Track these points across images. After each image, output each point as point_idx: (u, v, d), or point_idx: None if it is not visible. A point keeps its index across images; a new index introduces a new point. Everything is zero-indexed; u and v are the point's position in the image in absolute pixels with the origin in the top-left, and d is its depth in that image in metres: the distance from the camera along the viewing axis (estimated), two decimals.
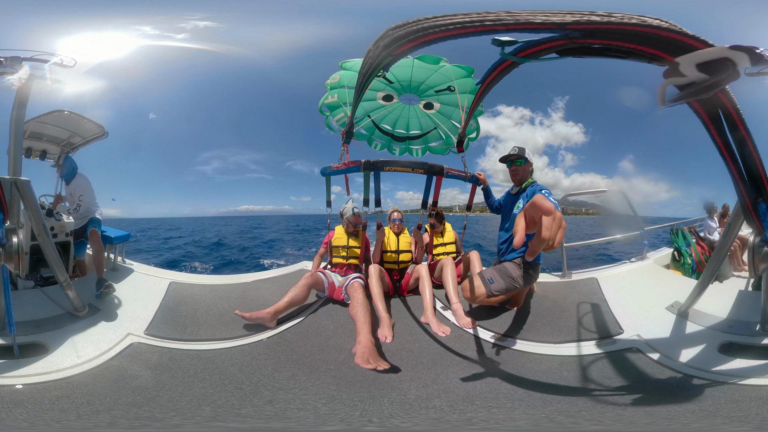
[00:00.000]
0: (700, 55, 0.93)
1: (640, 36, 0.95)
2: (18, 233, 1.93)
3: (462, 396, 1.84)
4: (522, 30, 1.00)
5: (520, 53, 1.14)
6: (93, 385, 1.85)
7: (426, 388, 1.90)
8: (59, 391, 1.78)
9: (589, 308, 2.77)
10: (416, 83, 3.71)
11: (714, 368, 1.89)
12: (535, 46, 1.09)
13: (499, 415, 1.69)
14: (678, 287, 2.66)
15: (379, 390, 1.89)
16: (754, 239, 1.82)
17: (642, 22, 0.92)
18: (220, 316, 2.75)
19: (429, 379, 2.00)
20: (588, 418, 1.62)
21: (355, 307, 2.56)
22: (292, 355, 2.27)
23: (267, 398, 1.81)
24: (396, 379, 1.99)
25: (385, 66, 1.30)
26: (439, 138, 4.10)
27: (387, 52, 1.17)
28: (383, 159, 3.45)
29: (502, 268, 2.69)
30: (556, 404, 1.75)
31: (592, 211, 23.19)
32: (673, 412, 1.62)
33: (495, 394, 1.85)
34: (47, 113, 3.52)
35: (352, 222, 3.38)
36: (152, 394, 1.81)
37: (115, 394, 1.79)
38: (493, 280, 2.63)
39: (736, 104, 1.16)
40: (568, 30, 0.97)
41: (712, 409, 1.60)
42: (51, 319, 2.44)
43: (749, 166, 1.33)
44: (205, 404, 1.75)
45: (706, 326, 2.26)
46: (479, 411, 1.71)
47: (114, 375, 1.98)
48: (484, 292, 2.59)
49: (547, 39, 1.05)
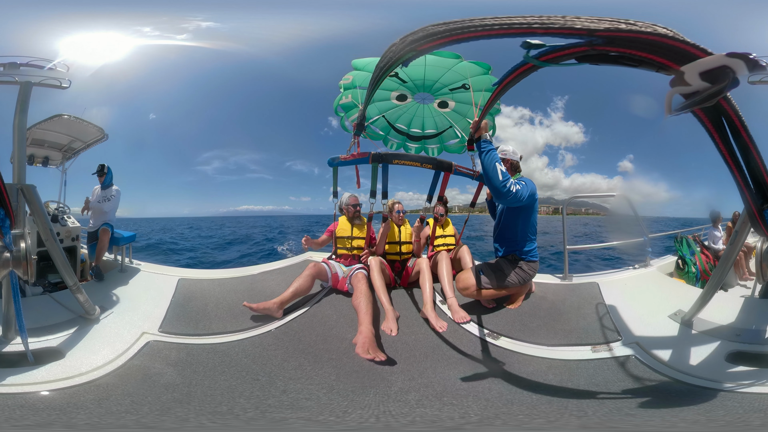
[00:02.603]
0: (702, 63, 0.94)
1: (653, 45, 0.97)
2: (26, 239, 1.94)
3: (438, 390, 1.84)
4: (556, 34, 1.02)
5: (543, 57, 1.15)
6: (124, 386, 1.86)
7: (411, 381, 1.91)
8: (92, 394, 1.78)
9: (588, 313, 2.72)
10: (430, 82, 3.68)
11: (720, 377, 1.84)
12: (559, 51, 1.10)
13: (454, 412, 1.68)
14: (681, 296, 2.61)
15: (371, 380, 1.91)
16: (762, 246, 1.80)
17: (654, 30, 0.94)
18: (229, 309, 2.79)
19: (416, 372, 2.00)
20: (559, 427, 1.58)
21: (357, 298, 2.60)
22: (299, 344, 2.31)
23: (281, 388, 1.85)
24: (387, 371, 2.00)
25: (405, 61, 1.31)
26: (455, 136, 4.07)
27: (412, 47, 1.19)
28: (393, 152, 3.47)
29: (494, 264, 2.80)
30: (540, 406, 1.72)
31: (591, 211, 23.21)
32: (672, 423, 1.58)
33: (468, 391, 1.84)
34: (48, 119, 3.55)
35: (351, 204, 3.45)
36: (185, 390, 1.83)
37: (148, 392, 1.81)
38: (483, 273, 2.70)
39: (738, 111, 1.17)
40: (594, 37, 0.99)
41: (718, 419, 1.56)
42: (62, 323, 2.46)
43: (754, 173, 1.32)
44: (239, 397, 1.77)
45: (713, 335, 2.21)
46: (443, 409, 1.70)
47: (139, 374, 1.99)
48: (473, 284, 2.66)
49: (571, 45, 1.06)
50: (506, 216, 2.81)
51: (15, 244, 1.97)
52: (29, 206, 2.23)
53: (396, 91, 3.86)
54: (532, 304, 2.91)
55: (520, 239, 2.76)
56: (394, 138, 4.22)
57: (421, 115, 4.10)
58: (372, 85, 1.84)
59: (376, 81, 1.69)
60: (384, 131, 4.17)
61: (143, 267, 3.75)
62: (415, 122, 4.13)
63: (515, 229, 2.76)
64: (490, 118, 3.77)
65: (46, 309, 2.69)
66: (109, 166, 3.82)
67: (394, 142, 4.24)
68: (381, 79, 1.63)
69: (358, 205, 3.47)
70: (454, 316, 2.58)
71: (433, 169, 3.21)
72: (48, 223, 2.27)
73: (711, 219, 3.75)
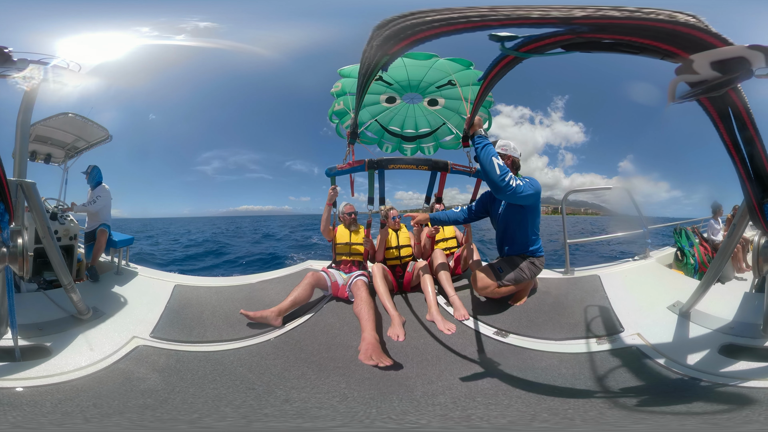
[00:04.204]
0: (716, 53, 0.92)
1: (656, 31, 0.93)
2: (23, 235, 1.91)
3: (464, 392, 1.84)
4: (521, 25, 0.99)
5: (523, 48, 1.12)
6: (98, 389, 1.82)
7: (431, 385, 1.90)
8: (62, 394, 1.75)
9: (591, 306, 2.75)
10: (415, 81, 3.69)
11: (713, 369, 1.87)
12: (538, 40, 1.07)
13: (496, 412, 1.68)
14: (680, 287, 2.64)
15: (388, 387, 1.88)
16: (759, 239, 1.80)
17: (670, 17, 0.91)
18: (226, 318, 2.72)
19: (434, 375, 2.00)
20: (584, 417, 1.61)
21: (359, 305, 2.57)
22: (300, 354, 2.25)
23: (282, 398, 1.79)
24: (402, 376, 1.98)
25: (383, 65, 1.29)
26: (449, 133, 4.06)
27: (382, 51, 1.16)
28: (387, 157, 3.47)
29: (510, 260, 2.73)
30: (553, 402, 1.75)
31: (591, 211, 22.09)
32: (669, 412, 1.62)
33: (496, 391, 1.85)
34: (53, 116, 3.54)
35: (346, 212, 3.50)
36: (163, 396, 1.78)
37: (123, 397, 1.76)
38: (503, 269, 2.66)
39: (746, 103, 1.15)
40: (574, 25, 0.95)
41: (710, 411, 1.58)
42: (54, 322, 2.41)
43: (756, 166, 1.32)
44: (223, 405, 1.73)
45: (708, 327, 2.24)
46: (479, 408, 1.71)
47: (120, 378, 1.94)
48: (494, 283, 2.60)
49: (551, 34, 1.03)
50: (511, 218, 2.75)
51: (12, 240, 1.94)
52: (28, 202, 2.19)
53: (384, 94, 3.87)
54: (536, 300, 2.92)
55: (529, 240, 2.73)
56: (389, 141, 4.20)
57: (412, 115, 4.10)
58: (359, 92, 1.87)
59: (362, 88, 1.70)
60: (378, 135, 4.16)
61: (140, 271, 3.68)
62: (407, 123, 4.13)
63: (525, 231, 2.71)
64: (485, 111, 3.78)
65: (40, 306, 2.64)
66: (97, 166, 3.78)
67: (389, 144, 4.22)
68: (366, 86, 1.63)
69: (353, 213, 3.52)
70: (455, 314, 2.63)
71: (429, 169, 3.20)
72: (46, 220, 2.24)
73: (712, 210, 3.72)
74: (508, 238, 2.83)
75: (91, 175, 3.73)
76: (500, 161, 2.34)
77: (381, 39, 1.10)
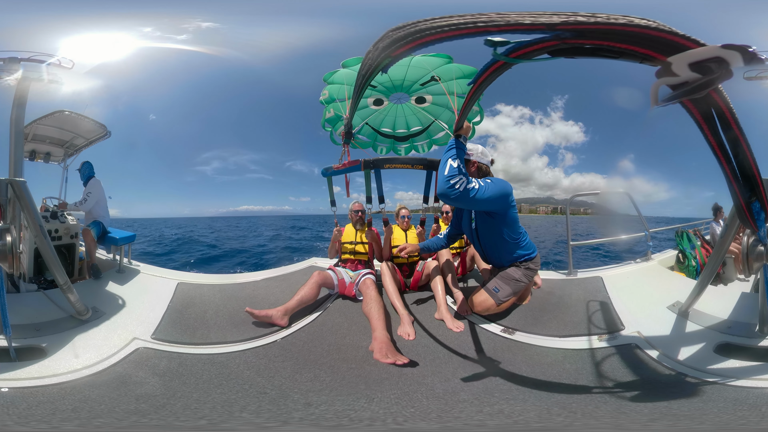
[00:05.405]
0: (692, 54, 0.93)
1: (630, 36, 0.96)
2: (12, 232, 1.82)
3: (482, 389, 1.85)
4: (514, 31, 1.02)
5: (512, 54, 1.14)
6: (89, 392, 1.72)
7: (448, 383, 1.89)
8: (47, 396, 1.67)
9: (594, 305, 2.81)
10: (398, 81, 3.70)
11: (708, 368, 1.90)
12: (527, 46, 1.10)
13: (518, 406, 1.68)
14: (681, 288, 2.64)
15: (409, 386, 1.83)
16: (748, 238, 1.84)
17: (629, 21, 0.93)
18: (230, 318, 2.63)
19: (449, 373, 1.99)
20: (585, 412, 1.64)
21: (368, 304, 2.53)
22: (309, 355, 2.16)
23: (302, 402, 1.70)
24: (418, 374, 1.95)
25: (384, 67, 1.31)
26: (441, 129, 4.04)
27: (386, 53, 1.19)
28: (383, 157, 3.55)
29: (505, 274, 2.61)
30: (558, 397, 1.78)
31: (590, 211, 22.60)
32: (665, 409, 1.63)
33: (509, 386, 1.88)
34: (49, 114, 3.46)
35: (353, 210, 3.50)
36: (161, 401, 1.68)
37: (114, 401, 1.66)
38: (499, 289, 2.56)
39: (729, 104, 1.16)
40: (558, 31, 0.98)
41: (705, 409, 1.60)
42: (52, 322, 2.33)
43: (742, 166, 1.33)
44: (237, 410, 1.64)
45: (706, 326, 2.28)
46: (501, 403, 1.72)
47: (115, 381, 1.84)
48: (493, 303, 2.54)
49: (539, 40, 1.05)
50: (485, 231, 2.59)
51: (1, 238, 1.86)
52: (19, 202, 2.10)
53: (371, 97, 3.88)
54: (540, 299, 2.97)
55: (514, 247, 2.57)
56: (382, 143, 4.20)
57: (402, 115, 4.09)
58: (356, 93, 1.84)
59: (360, 89, 1.70)
60: (370, 138, 4.15)
61: (142, 269, 3.60)
62: (398, 123, 4.11)
63: (504, 241, 2.55)
64: (476, 105, 3.71)
65: (39, 306, 2.55)
66: (88, 161, 3.69)
67: (383, 146, 4.21)
68: (364, 87, 1.63)
69: (360, 211, 3.47)
70: (458, 309, 2.66)
71: (424, 169, 3.14)
72: (38, 219, 2.14)
73: (713, 212, 3.70)
74: (491, 253, 2.69)
75: (82, 171, 3.65)
76: (457, 163, 2.15)
77: (390, 40, 1.14)
